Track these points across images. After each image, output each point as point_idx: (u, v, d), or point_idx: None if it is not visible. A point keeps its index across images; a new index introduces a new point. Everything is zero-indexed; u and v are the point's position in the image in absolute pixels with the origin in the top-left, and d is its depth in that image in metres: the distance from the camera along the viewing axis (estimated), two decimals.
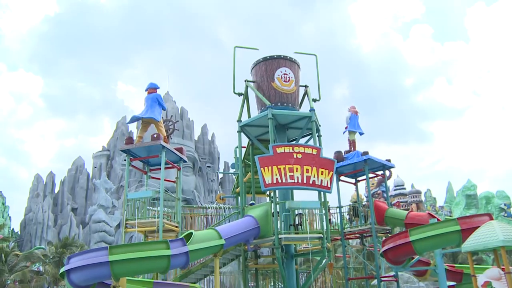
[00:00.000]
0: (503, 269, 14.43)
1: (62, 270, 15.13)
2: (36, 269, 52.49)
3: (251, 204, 20.52)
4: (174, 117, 25.76)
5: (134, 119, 21.07)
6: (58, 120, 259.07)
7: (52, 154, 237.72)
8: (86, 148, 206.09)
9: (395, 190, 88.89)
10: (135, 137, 21.06)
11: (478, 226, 16.05)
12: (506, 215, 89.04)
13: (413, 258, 22.14)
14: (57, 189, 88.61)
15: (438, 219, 23.23)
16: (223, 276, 23.03)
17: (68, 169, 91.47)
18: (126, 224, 19.81)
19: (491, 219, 18.83)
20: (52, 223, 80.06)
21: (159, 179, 20.30)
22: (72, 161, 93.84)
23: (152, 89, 20.52)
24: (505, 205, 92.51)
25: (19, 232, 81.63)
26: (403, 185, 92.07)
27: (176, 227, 20.46)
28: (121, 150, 21.49)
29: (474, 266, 16.57)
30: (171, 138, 22.84)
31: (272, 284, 24.67)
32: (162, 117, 21.56)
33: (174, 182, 22.95)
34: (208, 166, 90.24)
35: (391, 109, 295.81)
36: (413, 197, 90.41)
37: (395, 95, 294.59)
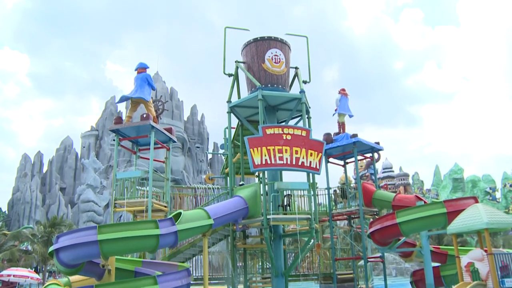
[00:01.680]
0: (485, 251, 14.75)
1: (51, 249, 15.16)
2: (24, 248, 52.60)
3: (240, 185, 20.62)
4: (164, 97, 25.61)
5: (123, 98, 20.94)
6: (46, 99, 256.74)
7: (40, 133, 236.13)
8: (74, 128, 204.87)
9: (383, 172, 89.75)
10: (124, 117, 20.95)
11: (464, 209, 16.36)
12: (491, 198, 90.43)
13: (400, 239, 22.48)
14: (45, 168, 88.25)
15: (425, 202, 23.56)
16: (212, 256, 23.17)
17: (56, 149, 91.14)
18: (115, 203, 19.82)
19: (477, 202, 19.14)
20: (40, 202, 79.90)
21: (148, 159, 20.30)
22: (60, 141, 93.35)
23: (141, 68, 20.36)
24: (490, 188, 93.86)
25: (6, 212, 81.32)
26: (391, 168, 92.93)
27: (165, 207, 20.52)
28: (110, 130, 21.39)
29: (458, 248, 16.90)
30: (161, 118, 22.75)
31: (260, 264, 24.90)
32: (152, 97, 21.45)
33: (163, 162, 22.95)
34: (197, 147, 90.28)
35: (380, 92, 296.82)
36: (401, 180, 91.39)
37: (385, 79, 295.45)
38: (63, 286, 18.71)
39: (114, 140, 20.91)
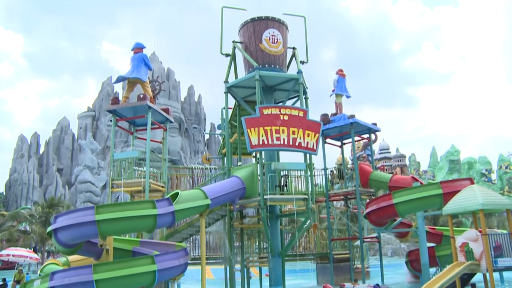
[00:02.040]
0: (480, 231, 14.91)
1: (49, 229, 15.24)
2: (23, 229, 52.83)
3: (239, 165, 20.65)
4: (161, 77, 25.50)
5: (120, 79, 20.83)
6: (41, 80, 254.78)
7: (35, 114, 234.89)
8: (70, 108, 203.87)
9: (380, 153, 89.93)
10: (121, 98, 20.87)
11: (460, 190, 16.48)
12: (486, 180, 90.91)
13: (396, 220, 22.66)
14: (42, 149, 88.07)
15: (421, 183, 23.69)
16: (209, 236, 23.36)
17: (53, 130, 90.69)
18: (112, 184, 19.86)
19: (472, 183, 19.26)
20: (37, 183, 79.94)
21: (145, 139, 20.25)
22: (56, 122, 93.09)
23: (138, 49, 20.20)
24: (486, 170, 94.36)
25: (4, 193, 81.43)
26: (388, 149, 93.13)
27: (162, 187, 20.57)
28: (107, 110, 21.32)
29: (454, 228, 17.06)
30: (157, 99, 22.68)
31: (257, 244, 25.07)
32: (148, 78, 21.34)
33: (160, 142, 22.93)
34: (194, 127, 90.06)
35: (378, 73, 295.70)
36: (398, 161, 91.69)
37: (382, 59, 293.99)
38: (62, 266, 18.88)
39: (111, 121, 20.88)
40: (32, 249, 43.00)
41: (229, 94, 21.24)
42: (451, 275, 14.54)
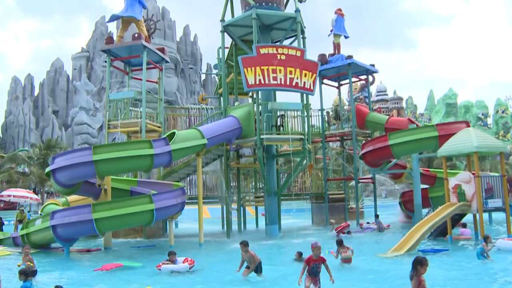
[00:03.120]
0: (473, 174, 15.09)
1: (47, 170, 15.36)
2: (21, 170, 53.21)
3: (235, 105, 20.58)
4: (155, 16, 24.84)
5: (113, 17, 20.37)
6: (32, 20, 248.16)
7: (27, 55, 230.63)
8: (64, 49, 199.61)
9: (377, 95, 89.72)
10: (115, 37, 20.46)
11: (455, 133, 16.54)
12: (482, 124, 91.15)
13: (391, 161, 22.90)
14: (36, 91, 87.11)
15: (417, 125, 23.77)
16: (206, 175, 23.59)
17: (47, 71, 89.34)
18: (108, 125, 19.86)
19: (468, 126, 19.34)
20: (34, 125, 79.71)
21: (141, 79, 20.08)
22: (50, 63, 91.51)
23: None
24: (482, 114, 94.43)
25: (1, 135, 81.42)
26: (385, 91, 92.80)
27: (159, 127, 20.58)
28: (101, 50, 21.00)
29: (447, 171, 17.25)
30: (153, 38, 22.27)
31: (253, 183, 25.41)
32: (143, 17, 20.86)
33: (156, 82, 22.75)
34: (190, 68, 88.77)
35: (378, 14, 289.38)
36: (395, 104, 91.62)
37: (382, 0, 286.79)
38: (61, 206, 19.19)
39: (105, 61, 20.60)
40: (32, 191, 43.51)
41: (225, 34, 20.81)
42: (442, 215, 14.82)
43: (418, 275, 6.07)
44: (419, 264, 6.11)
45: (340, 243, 11.79)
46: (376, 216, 21.39)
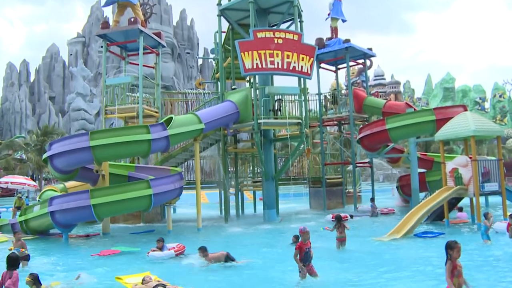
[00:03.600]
0: (470, 158, 15.13)
1: (45, 156, 15.33)
2: (19, 157, 53.09)
3: (233, 89, 20.50)
4: (151, 1, 24.65)
5: (109, 2, 20.17)
6: (25, 5, 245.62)
7: (22, 41, 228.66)
8: (59, 35, 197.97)
9: (374, 80, 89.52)
10: (111, 22, 20.30)
11: (453, 117, 16.53)
12: (480, 108, 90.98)
13: (388, 145, 22.92)
14: (32, 77, 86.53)
15: (414, 109, 23.74)
16: (203, 160, 23.58)
17: (43, 57, 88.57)
18: (105, 110, 19.78)
19: (466, 110, 19.31)
20: (30, 112, 79.34)
21: (138, 64, 20.00)
22: (45, 49, 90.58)
23: None
24: (480, 98, 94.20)
25: None
26: (383, 76, 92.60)
27: (156, 112, 20.54)
28: (97, 35, 20.84)
29: (445, 155, 17.29)
30: (149, 23, 22.13)
31: (251, 168, 25.43)
32: (139, 1, 20.68)
33: (153, 67, 22.63)
34: (187, 53, 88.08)
35: None
36: (392, 88, 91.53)
37: None
38: (59, 192, 19.20)
39: (102, 46, 20.48)
40: (30, 177, 43.51)
41: (222, 18, 20.64)
42: (439, 199, 14.89)
43: (452, 259, 6.12)
44: (449, 248, 6.17)
45: (339, 218, 11.79)
46: (372, 199, 21.46)
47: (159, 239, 11.57)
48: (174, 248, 11.40)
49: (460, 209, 17.25)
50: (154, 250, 11.34)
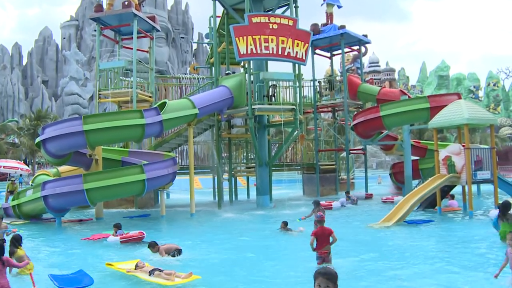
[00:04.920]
0: (463, 146, 15.18)
1: (37, 140, 15.24)
2: (11, 141, 52.84)
3: (227, 74, 20.41)
4: None
5: None
6: None
7: (13, 24, 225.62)
8: (52, 18, 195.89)
9: (369, 67, 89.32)
10: (105, 5, 20.09)
11: (447, 105, 16.56)
12: (473, 96, 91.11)
13: (382, 132, 22.97)
14: (25, 61, 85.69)
15: (409, 96, 23.78)
16: (197, 146, 23.53)
17: (35, 40, 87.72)
18: (99, 95, 19.65)
19: (460, 98, 19.38)
20: (23, 96, 78.73)
21: (132, 48, 19.85)
22: (38, 32, 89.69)
23: None
24: (474, 87, 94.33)
25: None
26: (377, 63, 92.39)
27: (150, 97, 20.43)
28: (90, 19, 20.65)
29: (438, 143, 17.34)
30: (143, 6, 21.93)
31: (245, 154, 25.43)
32: None
33: (147, 52, 22.48)
34: (181, 37, 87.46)
35: None
36: (387, 75, 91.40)
37: None
38: (52, 176, 19.13)
39: (95, 30, 20.30)
40: (22, 161, 43.35)
41: (217, 2, 20.48)
42: (432, 186, 14.95)
43: None
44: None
45: (317, 203, 11.85)
46: (347, 192, 20.97)
47: (115, 225, 11.80)
48: (124, 234, 11.46)
49: (452, 197, 17.37)
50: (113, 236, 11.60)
